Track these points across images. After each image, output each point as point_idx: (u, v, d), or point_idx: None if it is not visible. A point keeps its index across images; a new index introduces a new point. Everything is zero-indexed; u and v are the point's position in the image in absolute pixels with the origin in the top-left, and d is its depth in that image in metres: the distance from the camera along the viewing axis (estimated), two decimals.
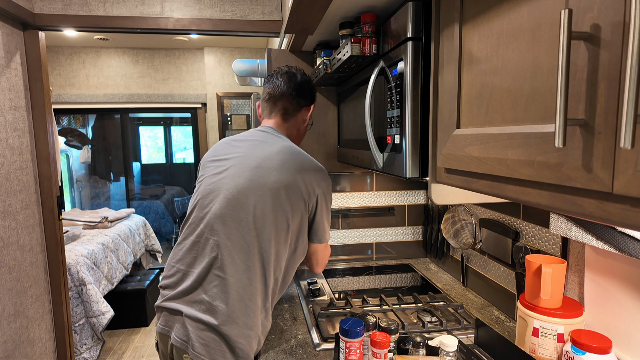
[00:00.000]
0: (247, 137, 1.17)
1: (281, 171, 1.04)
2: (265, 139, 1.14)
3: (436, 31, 0.81)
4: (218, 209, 1.02)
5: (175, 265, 1.07)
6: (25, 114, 2.04)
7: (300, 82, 1.24)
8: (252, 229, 1.00)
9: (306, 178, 1.06)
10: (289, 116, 1.23)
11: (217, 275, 0.98)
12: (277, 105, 1.22)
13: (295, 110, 1.23)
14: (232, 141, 1.17)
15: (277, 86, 1.23)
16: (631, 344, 0.85)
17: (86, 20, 2.04)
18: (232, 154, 1.11)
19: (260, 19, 2.18)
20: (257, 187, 1.02)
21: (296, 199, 1.04)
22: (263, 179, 1.03)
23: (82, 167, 5.12)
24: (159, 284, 1.14)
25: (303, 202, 1.06)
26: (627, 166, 0.38)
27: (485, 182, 0.64)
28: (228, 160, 1.10)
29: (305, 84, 1.25)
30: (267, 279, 1.02)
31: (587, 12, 0.42)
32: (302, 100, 1.24)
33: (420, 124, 0.93)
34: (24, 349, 1.99)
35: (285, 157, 1.07)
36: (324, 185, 1.10)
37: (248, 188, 1.02)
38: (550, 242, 1.08)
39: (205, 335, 0.95)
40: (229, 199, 1.02)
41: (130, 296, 3.16)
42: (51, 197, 2.15)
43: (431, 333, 1.15)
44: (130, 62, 4.16)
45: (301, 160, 1.08)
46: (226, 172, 1.07)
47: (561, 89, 0.42)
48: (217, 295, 0.97)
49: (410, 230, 1.92)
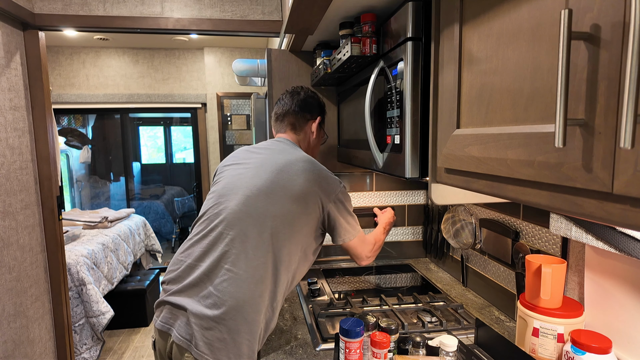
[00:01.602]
0: (266, 146, 1.24)
1: (301, 177, 1.08)
2: (283, 148, 1.21)
3: (436, 31, 0.81)
4: (236, 205, 1.05)
5: (183, 258, 1.07)
6: (25, 114, 2.04)
7: (304, 98, 1.32)
8: (269, 227, 1.02)
9: (323, 186, 1.10)
10: (297, 130, 1.31)
11: (228, 270, 0.99)
12: (285, 122, 1.31)
13: (302, 124, 1.31)
14: (252, 148, 1.24)
15: (283, 105, 1.32)
16: (631, 344, 0.85)
17: (86, 20, 2.04)
18: (252, 159, 1.17)
19: (260, 19, 2.18)
20: (277, 189, 1.06)
21: (313, 204, 1.08)
22: (283, 182, 1.07)
23: (82, 167, 5.11)
24: (161, 281, 1.14)
25: (319, 209, 1.09)
26: (627, 166, 0.38)
27: (485, 182, 0.64)
28: (248, 164, 1.16)
29: (309, 99, 1.32)
30: (277, 279, 1.03)
31: (587, 12, 0.42)
32: (307, 114, 1.31)
33: (420, 124, 0.93)
34: (24, 349, 1.98)
35: (305, 165, 1.11)
36: (339, 192, 1.14)
37: (268, 189, 1.06)
38: (550, 242, 1.08)
39: (210, 335, 0.95)
40: (248, 196, 1.05)
41: (130, 296, 3.16)
42: (51, 197, 2.15)
43: (431, 333, 1.15)
44: (130, 62, 4.16)
45: (319, 169, 1.13)
46: (246, 172, 1.12)
47: (561, 89, 0.42)
48: (226, 290, 0.97)
49: (410, 230, 1.92)
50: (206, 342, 0.94)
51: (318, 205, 1.10)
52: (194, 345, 0.95)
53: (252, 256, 1.00)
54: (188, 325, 0.97)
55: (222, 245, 1.01)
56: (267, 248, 1.01)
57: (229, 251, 1.00)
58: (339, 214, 1.14)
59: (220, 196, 1.10)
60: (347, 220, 1.16)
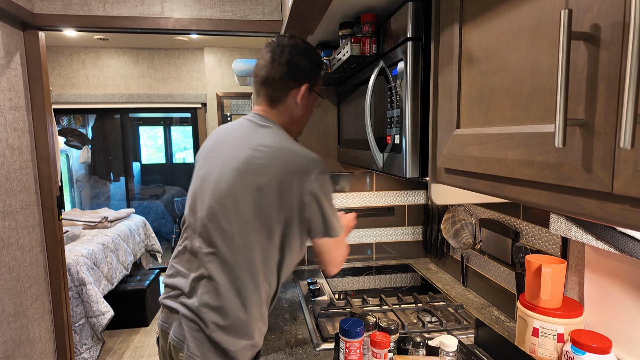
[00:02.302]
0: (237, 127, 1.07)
1: (264, 172, 0.95)
2: (250, 132, 1.02)
3: (436, 31, 0.81)
4: (205, 217, 0.99)
5: (174, 265, 1.08)
6: (25, 114, 2.04)
7: (288, 59, 1.03)
8: (237, 238, 0.96)
9: (293, 176, 0.95)
10: (276, 102, 1.07)
11: (208, 284, 0.97)
12: (262, 91, 1.07)
13: (282, 95, 1.06)
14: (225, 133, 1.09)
15: (262, 66, 1.05)
16: (631, 344, 0.85)
17: (86, 20, 2.04)
18: (222, 150, 1.04)
19: (260, 19, 2.18)
20: (238, 194, 0.96)
21: (281, 199, 0.95)
22: (244, 183, 0.96)
23: (82, 167, 5.11)
24: (162, 280, 1.15)
25: (291, 201, 0.96)
26: (627, 166, 0.38)
27: (485, 182, 0.64)
28: (216, 158, 1.03)
29: (295, 59, 1.04)
30: (259, 286, 0.98)
31: (587, 12, 0.42)
32: (291, 81, 1.05)
33: (420, 124, 0.93)
34: (24, 349, 1.98)
35: (267, 155, 0.96)
36: (314, 179, 0.96)
37: (229, 195, 0.96)
38: (550, 242, 1.08)
39: (200, 336, 0.95)
40: (212, 206, 0.98)
41: (130, 296, 3.16)
42: (51, 197, 2.15)
43: (431, 333, 1.15)
44: (130, 62, 4.16)
45: (285, 156, 0.97)
46: (213, 172, 1.02)
47: (561, 89, 0.42)
48: (207, 304, 0.96)
49: (410, 230, 1.92)
50: (197, 344, 0.95)
51: (289, 198, 0.95)
52: (186, 346, 0.96)
53: (227, 269, 0.96)
54: (181, 327, 0.99)
55: (200, 258, 0.99)
56: (239, 259, 0.96)
57: (207, 266, 0.98)
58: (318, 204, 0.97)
59: (193, 202, 1.04)
60: (327, 212, 0.98)
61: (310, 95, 1.10)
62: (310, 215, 0.98)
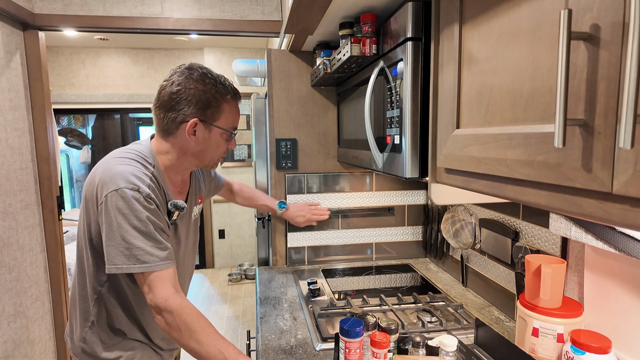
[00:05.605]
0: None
1: (85, 190, 0.97)
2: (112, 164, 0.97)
3: (436, 31, 0.81)
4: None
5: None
6: (25, 114, 2.04)
7: (173, 91, 0.94)
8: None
9: (92, 191, 0.93)
10: (167, 134, 1.00)
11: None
12: (155, 121, 1.02)
13: (172, 128, 0.98)
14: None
15: (157, 96, 1.00)
16: (631, 344, 0.85)
17: (86, 20, 2.04)
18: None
19: (260, 19, 2.18)
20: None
21: (88, 216, 0.96)
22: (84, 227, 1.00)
23: (82, 167, 5.12)
24: None
25: (92, 218, 0.95)
26: (626, 166, 0.38)
27: (485, 182, 0.64)
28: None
29: (183, 92, 0.94)
30: (85, 296, 1.04)
31: (586, 12, 0.42)
32: (173, 113, 0.96)
33: (420, 124, 0.93)
34: (24, 349, 1.98)
35: (91, 174, 0.97)
36: (112, 195, 0.89)
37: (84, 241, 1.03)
38: (550, 242, 1.08)
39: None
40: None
41: None
42: (51, 197, 2.15)
43: (431, 333, 1.15)
44: (130, 62, 4.16)
45: (94, 173, 0.95)
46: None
47: (561, 89, 0.42)
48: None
49: (410, 230, 1.92)
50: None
51: (91, 214, 0.94)
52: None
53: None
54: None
55: None
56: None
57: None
58: (108, 225, 0.88)
59: None
60: (117, 239, 0.87)
61: (207, 131, 0.99)
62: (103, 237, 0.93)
